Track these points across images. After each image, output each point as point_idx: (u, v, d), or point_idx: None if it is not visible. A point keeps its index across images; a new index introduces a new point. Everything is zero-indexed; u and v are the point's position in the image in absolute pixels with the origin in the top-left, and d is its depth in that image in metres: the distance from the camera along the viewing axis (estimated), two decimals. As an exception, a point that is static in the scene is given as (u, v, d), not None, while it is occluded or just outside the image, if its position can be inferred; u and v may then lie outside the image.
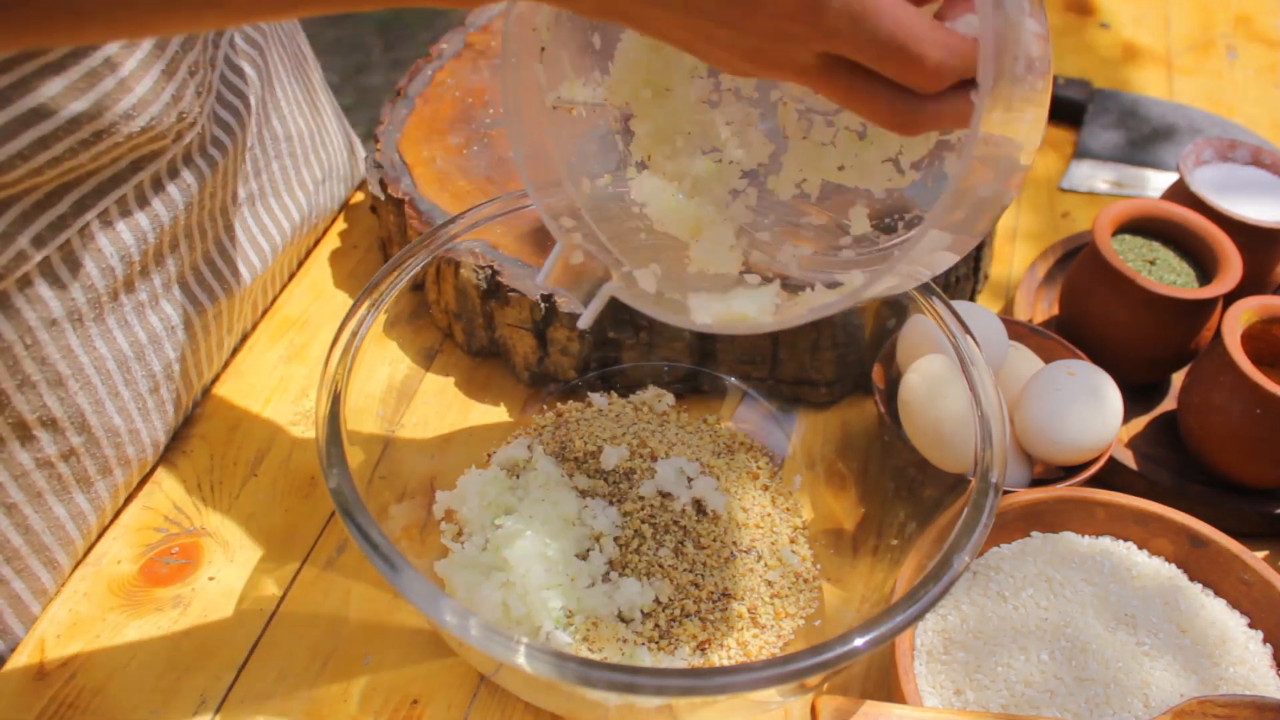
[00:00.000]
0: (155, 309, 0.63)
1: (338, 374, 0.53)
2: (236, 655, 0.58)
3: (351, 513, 0.48)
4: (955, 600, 0.58)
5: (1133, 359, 0.72)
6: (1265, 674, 0.56)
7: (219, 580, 0.61)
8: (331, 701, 0.56)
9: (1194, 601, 0.58)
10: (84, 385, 0.58)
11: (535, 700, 0.55)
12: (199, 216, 0.64)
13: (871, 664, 0.59)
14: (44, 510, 0.58)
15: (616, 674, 0.43)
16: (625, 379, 0.70)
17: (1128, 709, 0.53)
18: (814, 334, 0.67)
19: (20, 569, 0.58)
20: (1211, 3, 1.20)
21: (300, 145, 0.76)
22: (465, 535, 0.60)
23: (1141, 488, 0.68)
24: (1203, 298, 0.69)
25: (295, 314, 0.77)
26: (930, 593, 0.46)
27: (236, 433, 0.69)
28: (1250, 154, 0.80)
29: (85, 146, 0.53)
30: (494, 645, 0.44)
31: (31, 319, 0.55)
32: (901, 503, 0.60)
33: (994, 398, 0.54)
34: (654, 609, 0.57)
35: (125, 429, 0.61)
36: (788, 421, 0.70)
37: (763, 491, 0.64)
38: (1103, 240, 0.71)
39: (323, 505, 0.65)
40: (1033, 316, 0.79)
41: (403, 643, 0.59)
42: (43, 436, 0.57)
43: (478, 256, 0.68)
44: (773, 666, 0.43)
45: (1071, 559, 0.60)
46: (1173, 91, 1.06)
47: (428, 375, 0.70)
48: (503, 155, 0.79)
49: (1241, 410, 0.64)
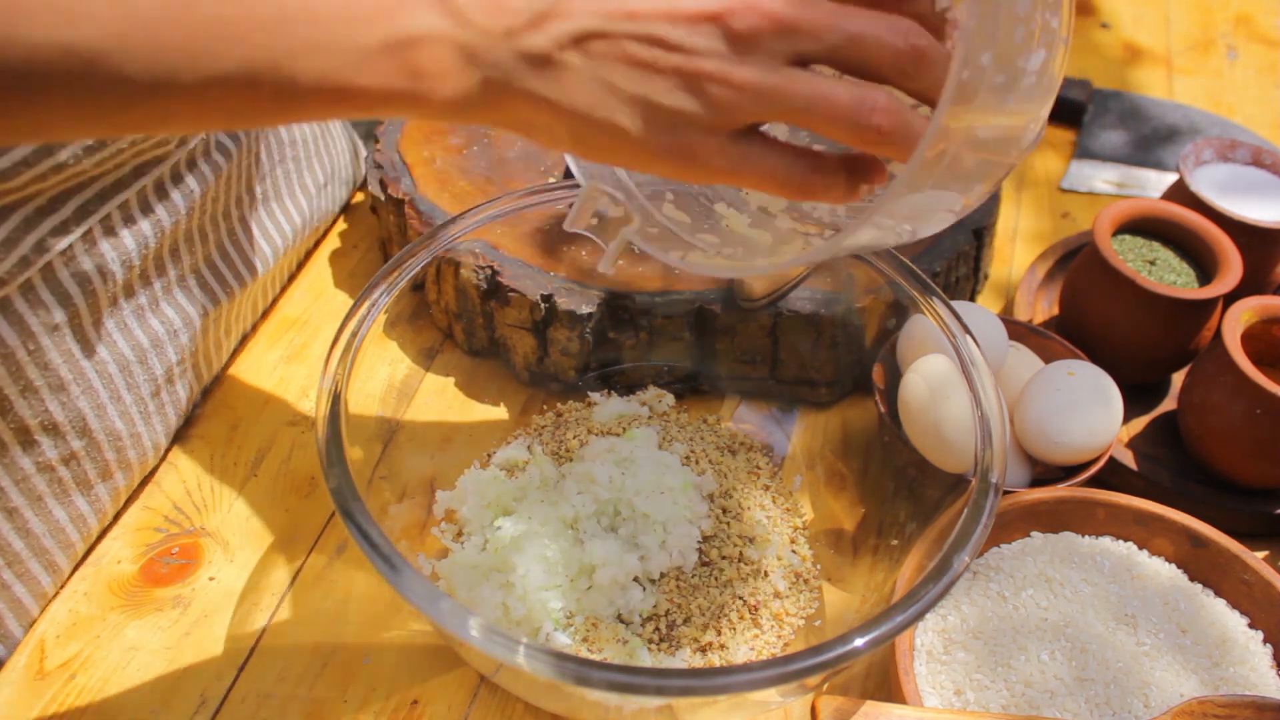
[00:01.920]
0: (157, 313, 0.63)
1: (338, 374, 0.53)
2: (236, 655, 0.58)
3: (351, 513, 0.48)
4: (955, 600, 0.58)
5: (1133, 359, 0.72)
6: (1265, 674, 0.56)
7: (219, 580, 0.61)
8: (331, 701, 0.56)
9: (1194, 602, 0.58)
10: (86, 390, 0.58)
11: (535, 701, 0.55)
12: (201, 221, 0.64)
13: (871, 664, 0.59)
14: (44, 514, 0.58)
15: (616, 674, 0.43)
16: (625, 379, 0.70)
17: (1128, 709, 0.53)
18: (814, 334, 0.67)
19: (21, 573, 0.58)
20: (1211, 3, 1.20)
21: (304, 149, 0.76)
22: (465, 535, 0.60)
23: (1141, 488, 0.68)
24: (1203, 298, 0.69)
25: (295, 314, 0.77)
26: (930, 593, 0.46)
27: (236, 433, 0.69)
28: (1250, 154, 0.80)
29: (89, 153, 0.53)
30: (494, 645, 0.44)
31: (34, 324, 0.55)
32: (901, 503, 0.60)
33: (994, 398, 0.54)
34: (654, 611, 0.57)
35: (126, 433, 0.61)
36: (788, 421, 0.70)
37: (763, 491, 0.64)
38: (1103, 240, 0.71)
39: (323, 505, 0.65)
40: (1033, 316, 0.79)
41: (403, 643, 0.59)
42: (44, 441, 0.57)
43: (478, 256, 0.68)
44: (773, 666, 0.43)
45: (1072, 559, 0.60)
46: (1173, 91, 1.06)
47: (428, 375, 0.70)
48: (503, 155, 0.79)
49: (1241, 410, 0.64)
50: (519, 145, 0.80)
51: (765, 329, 0.67)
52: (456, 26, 0.36)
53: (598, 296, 0.67)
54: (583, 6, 0.37)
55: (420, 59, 0.36)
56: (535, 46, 0.37)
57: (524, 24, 0.37)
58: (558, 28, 0.37)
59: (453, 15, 0.36)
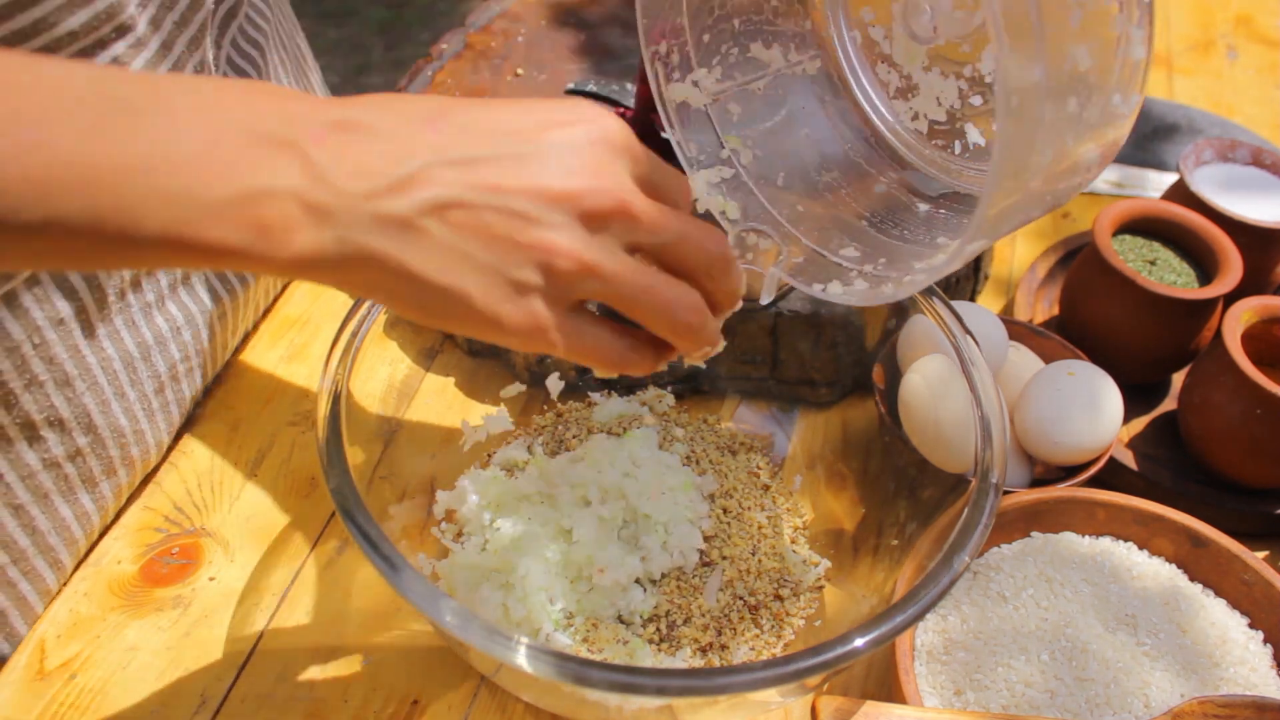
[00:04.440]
0: (162, 309, 0.63)
1: (338, 374, 0.53)
2: (236, 655, 0.58)
3: (351, 513, 0.48)
4: (955, 600, 0.58)
5: (1133, 359, 0.72)
6: (1265, 674, 0.56)
7: (219, 580, 0.61)
8: (331, 701, 0.56)
9: (1194, 602, 0.58)
10: (91, 385, 0.58)
11: (535, 701, 0.55)
12: None
13: (872, 664, 0.59)
14: (50, 511, 0.58)
15: (616, 674, 0.43)
16: (625, 379, 0.70)
17: (1128, 709, 0.53)
18: (814, 334, 0.67)
19: (26, 570, 0.58)
20: (1211, 3, 1.20)
21: None
22: (465, 536, 0.60)
23: (1141, 488, 0.68)
24: (1203, 298, 0.69)
25: (296, 314, 0.77)
26: (930, 593, 0.46)
27: (236, 433, 0.69)
28: (1250, 154, 0.80)
29: None
30: (494, 645, 0.44)
31: (39, 318, 0.55)
32: (901, 503, 0.60)
33: (994, 398, 0.54)
34: (655, 611, 0.57)
35: (130, 429, 0.61)
36: (788, 421, 0.70)
37: (763, 491, 0.64)
38: (1103, 240, 0.71)
39: (323, 505, 0.65)
40: (1033, 316, 0.79)
41: (403, 643, 0.59)
42: (50, 437, 0.57)
43: (478, 257, 0.67)
44: (773, 667, 0.43)
45: (1072, 559, 0.59)
46: (1173, 91, 1.06)
47: (428, 375, 0.70)
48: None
49: (1242, 410, 0.64)
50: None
51: (765, 329, 0.67)
52: (313, 184, 0.36)
53: (598, 296, 0.67)
54: (448, 176, 0.38)
55: (268, 214, 0.35)
56: (394, 210, 0.37)
57: (385, 187, 0.37)
58: (420, 194, 0.37)
59: (310, 173, 0.36)
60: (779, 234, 0.53)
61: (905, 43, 0.52)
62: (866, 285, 0.51)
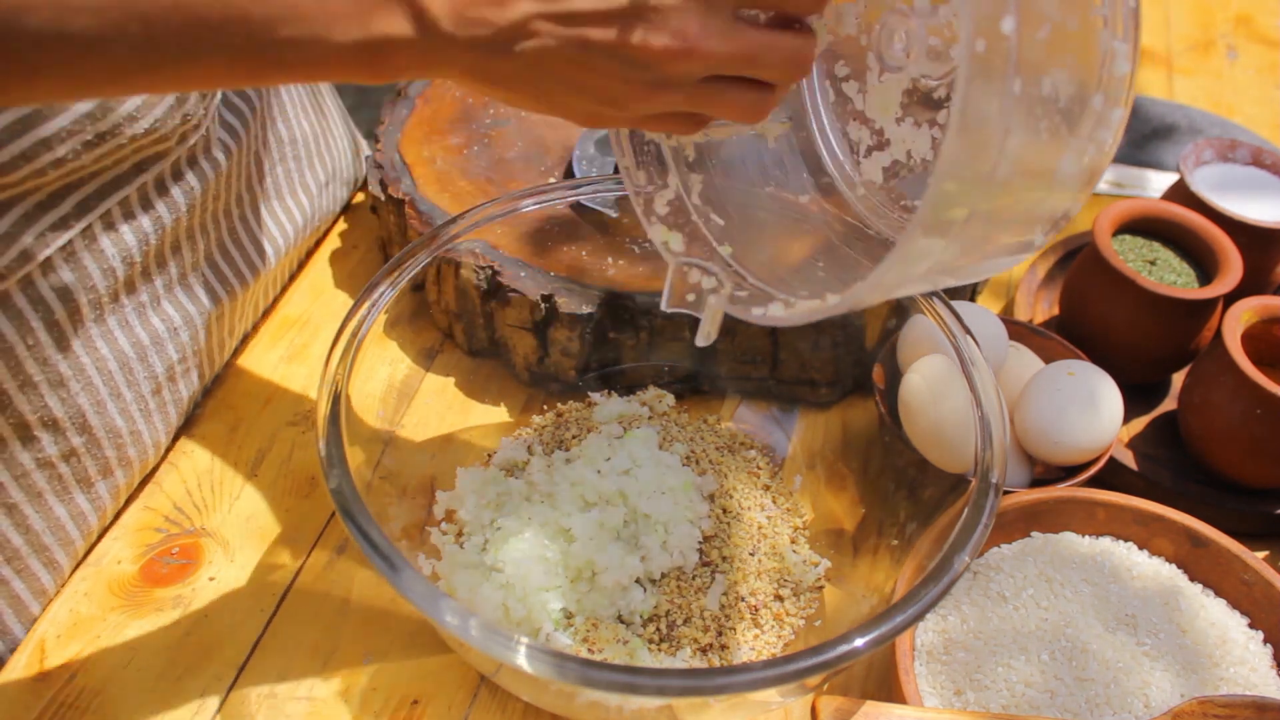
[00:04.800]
0: (157, 310, 0.63)
1: (338, 374, 0.54)
2: (237, 655, 0.58)
3: (351, 513, 0.48)
4: (955, 600, 0.58)
5: (1133, 359, 0.72)
6: (1265, 674, 0.56)
7: (219, 580, 0.61)
8: (331, 701, 0.56)
9: (1194, 602, 0.58)
10: (85, 386, 0.58)
11: (535, 701, 0.55)
12: (202, 219, 0.65)
13: (872, 664, 0.59)
14: (44, 510, 0.58)
15: (616, 674, 0.43)
16: (625, 379, 0.70)
17: (1128, 709, 0.53)
18: (814, 334, 0.67)
19: (20, 569, 0.58)
20: (1211, 3, 1.20)
21: (305, 148, 0.76)
22: (465, 536, 0.60)
23: (1141, 488, 0.68)
24: (1203, 298, 0.69)
25: (295, 314, 0.77)
26: (930, 593, 0.46)
27: (236, 433, 0.69)
28: (1250, 154, 0.80)
29: (89, 148, 0.53)
30: (494, 645, 0.44)
31: (33, 319, 0.55)
32: (901, 503, 0.60)
33: (994, 398, 0.54)
34: (655, 611, 0.57)
35: (126, 430, 0.61)
36: (788, 421, 0.70)
37: (763, 491, 0.64)
38: (1103, 240, 0.71)
39: (323, 505, 0.65)
40: (1033, 316, 0.79)
41: (403, 643, 0.59)
42: (44, 437, 0.57)
43: (478, 257, 0.68)
44: (773, 667, 0.43)
45: (1072, 559, 0.60)
46: (1173, 91, 1.06)
47: (428, 375, 0.70)
48: (502, 155, 0.79)
49: (1241, 410, 0.64)
50: (519, 145, 0.80)
51: (765, 329, 0.67)
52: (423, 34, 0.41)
53: (598, 296, 0.67)
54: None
55: (384, 60, 0.41)
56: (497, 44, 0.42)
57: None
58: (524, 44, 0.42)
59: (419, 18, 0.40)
60: (721, 269, 0.53)
61: (878, 91, 0.52)
62: (809, 303, 0.51)
